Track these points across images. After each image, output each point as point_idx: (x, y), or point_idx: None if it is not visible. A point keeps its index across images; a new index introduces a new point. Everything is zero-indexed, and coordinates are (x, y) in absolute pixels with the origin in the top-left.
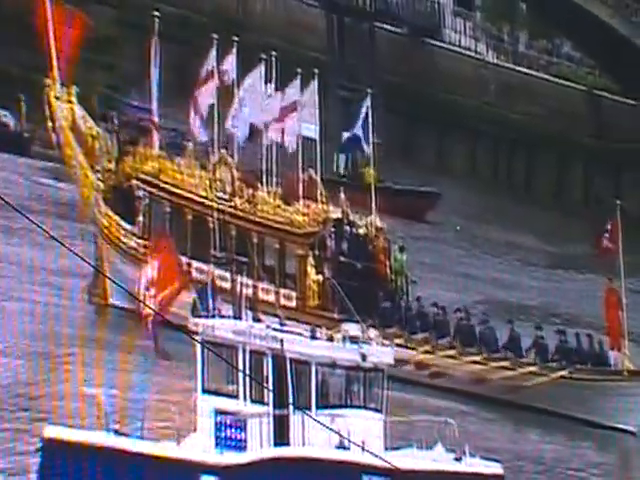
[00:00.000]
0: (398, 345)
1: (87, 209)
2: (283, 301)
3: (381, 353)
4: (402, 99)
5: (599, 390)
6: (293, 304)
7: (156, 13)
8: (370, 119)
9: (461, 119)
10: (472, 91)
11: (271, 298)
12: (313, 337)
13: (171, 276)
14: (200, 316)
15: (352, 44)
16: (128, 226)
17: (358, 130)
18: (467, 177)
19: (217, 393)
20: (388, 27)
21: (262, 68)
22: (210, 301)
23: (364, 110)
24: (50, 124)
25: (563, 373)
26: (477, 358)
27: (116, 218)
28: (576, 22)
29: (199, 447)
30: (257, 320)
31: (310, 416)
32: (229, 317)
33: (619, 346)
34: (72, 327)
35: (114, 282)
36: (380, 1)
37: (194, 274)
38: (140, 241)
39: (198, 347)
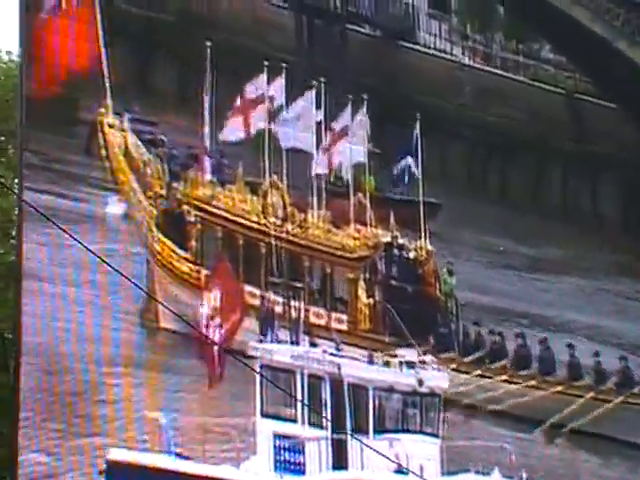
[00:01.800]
0: (453, 370)
1: (139, 234)
2: (334, 324)
3: (437, 378)
4: (375, 101)
5: None
6: (345, 327)
7: (208, 43)
8: (420, 146)
9: (436, 121)
10: (447, 93)
11: (322, 322)
12: (370, 362)
13: (234, 304)
14: (260, 341)
15: (323, 46)
16: (181, 251)
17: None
18: (441, 180)
19: (276, 417)
20: (361, 30)
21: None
22: (270, 327)
23: (415, 136)
24: (104, 152)
25: (620, 399)
26: (533, 383)
27: (169, 243)
28: (555, 25)
29: (259, 470)
30: (313, 345)
31: (361, 441)
32: (287, 342)
33: None
34: (126, 349)
35: (170, 309)
36: (352, 4)
37: (247, 299)
38: (193, 266)
39: (257, 371)
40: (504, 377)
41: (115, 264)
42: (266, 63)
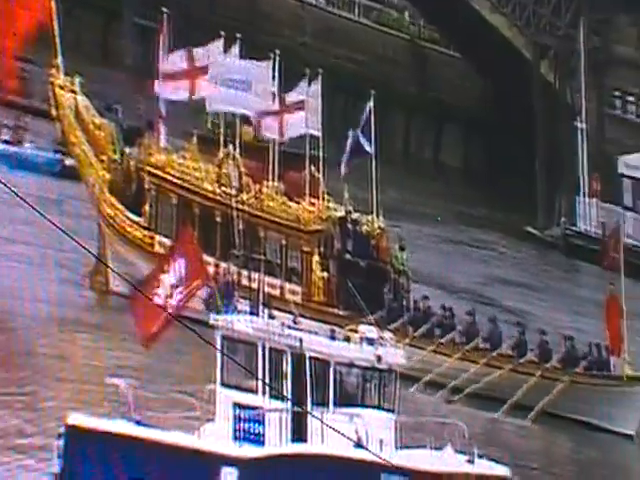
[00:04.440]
0: (406, 344)
1: (91, 197)
2: (288, 296)
3: (395, 354)
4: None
5: (601, 395)
6: (299, 299)
7: (164, 9)
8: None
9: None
10: (288, 32)
11: (277, 293)
12: (332, 337)
13: (196, 272)
14: (220, 312)
15: None
16: (134, 216)
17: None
18: None
19: (236, 387)
20: None
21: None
22: (230, 297)
23: (366, 112)
24: (54, 112)
25: (568, 378)
26: (483, 359)
27: (121, 208)
28: None
29: (218, 438)
30: (271, 317)
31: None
32: (246, 313)
33: (619, 352)
34: (78, 312)
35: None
36: None
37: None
38: (146, 232)
39: (218, 341)
40: (455, 353)
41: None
42: (222, 33)
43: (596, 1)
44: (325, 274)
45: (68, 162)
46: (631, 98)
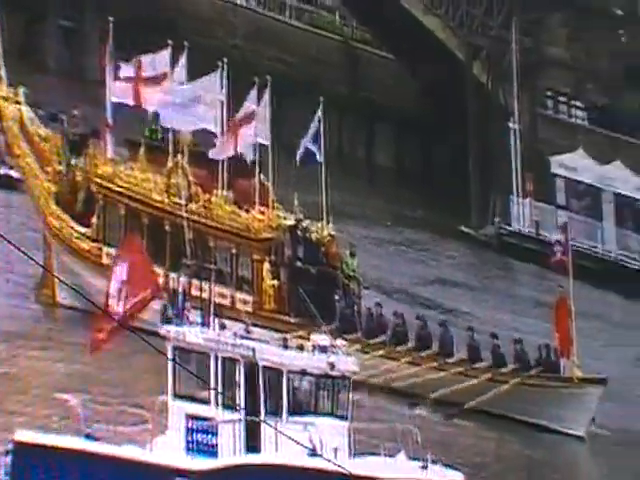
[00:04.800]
0: (358, 351)
1: (37, 210)
2: (239, 305)
3: (347, 361)
4: (139, 35)
5: (550, 397)
6: (249, 308)
7: (111, 18)
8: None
9: (207, 60)
10: (219, 33)
11: (227, 302)
12: (285, 346)
13: (144, 280)
14: (171, 322)
15: None
16: (81, 228)
17: (309, 142)
18: None
19: (189, 398)
20: None
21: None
22: (181, 307)
23: (316, 120)
24: None
25: (519, 380)
26: (434, 364)
27: (68, 220)
28: None
29: (170, 451)
30: (222, 326)
31: (273, 427)
32: (197, 323)
33: (568, 354)
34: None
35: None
36: None
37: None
38: (94, 243)
39: (169, 352)
40: (408, 359)
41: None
42: (170, 42)
43: (527, 2)
44: (276, 282)
45: (13, 173)
46: (563, 98)
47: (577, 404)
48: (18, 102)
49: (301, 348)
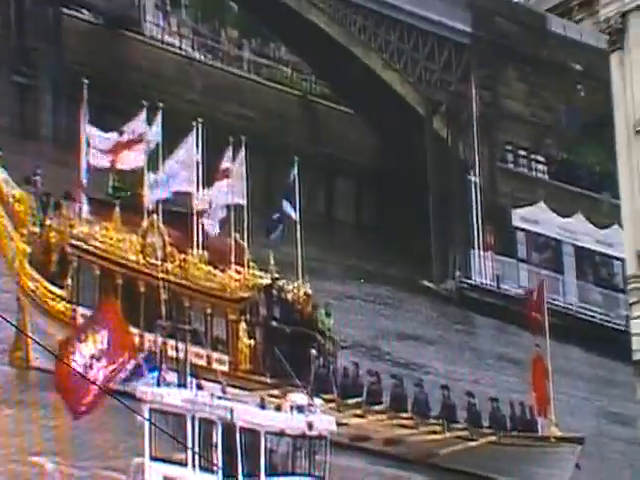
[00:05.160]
0: (332, 409)
1: (9, 270)
2: (215, 365)
3: (325, 421)
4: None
5: (527, 455)
6: (225, 368)
7: (85, 80)
8: (297, 189)
9: (168, 117)
10: (176, 89)
11: (203, 362)
12: (262, 406)
13: (122, 346)
14: (147, 384)
15: (35, 29)
16: (56, 289)
17: (285, 206)
18: None
19: (166, 460)
20: (80, 15)
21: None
22: (156, 369)
23: (291, 179)
24: None
25: (493, 439)
26: (409, 423)
27: (42, 281)
28: (291, 27)
29: None
30: (199, 387)
31: None
32: (174, 384)
33: (545, 412)
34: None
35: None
36: None
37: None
38: (68, 305)
39: (146, 414)
40: (383, 419)
41: None
42: (145, 103)
43: (484, 57)
44: (252, 342)
45: None
46: (523, 152)
47: (554, 463)
48: None
49: (279, 408)
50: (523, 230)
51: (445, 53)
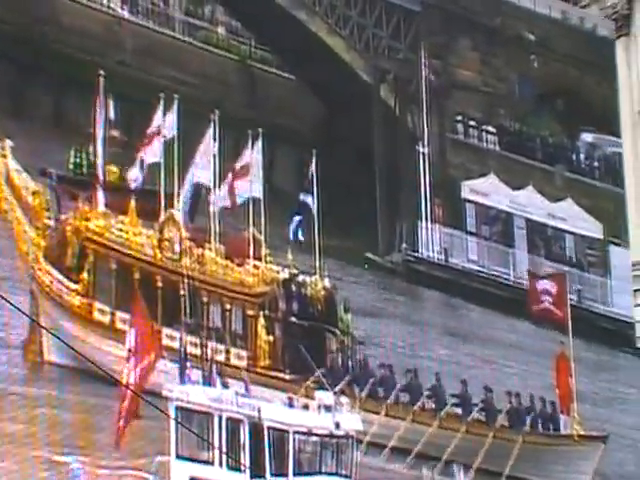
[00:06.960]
0: (359, 408)
1: (24, 265)
2: (234, 361)
3: (351, 419)
4: (18, 50)
5: (550, 454)
6: (244, 364)
7: (101, 72)
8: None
9: (87, 76)
10: (104, 49)
11: (222, 358)
12: (290, 405)
13: (149, 345)
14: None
15: None
16: (72, 284)
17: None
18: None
19: (192, 459)
20: None
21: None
22: (182, 367)
23: (311, 172)
24: None
25: (518, 437)
26: (426, 419)
27: (58, 275)
28: None
29: None
30: (225, 385)
31: None
32: (199, 383)
33: (568, 410)
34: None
35: (67, 344)
36: None
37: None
38: (84, 299)
39: (172, 412)
40: (406, 415)
41: None
42: (162, 95)
43: (435, 25)
44: (271, 337)
45: None
46: (473, 123)
47: (577, 461)
48: (4, 155)
49: (306, 407)
50: (473, 202)
51: (394, 20)
